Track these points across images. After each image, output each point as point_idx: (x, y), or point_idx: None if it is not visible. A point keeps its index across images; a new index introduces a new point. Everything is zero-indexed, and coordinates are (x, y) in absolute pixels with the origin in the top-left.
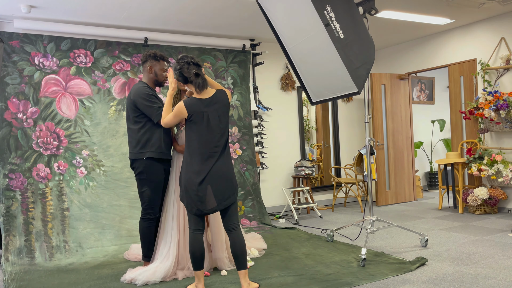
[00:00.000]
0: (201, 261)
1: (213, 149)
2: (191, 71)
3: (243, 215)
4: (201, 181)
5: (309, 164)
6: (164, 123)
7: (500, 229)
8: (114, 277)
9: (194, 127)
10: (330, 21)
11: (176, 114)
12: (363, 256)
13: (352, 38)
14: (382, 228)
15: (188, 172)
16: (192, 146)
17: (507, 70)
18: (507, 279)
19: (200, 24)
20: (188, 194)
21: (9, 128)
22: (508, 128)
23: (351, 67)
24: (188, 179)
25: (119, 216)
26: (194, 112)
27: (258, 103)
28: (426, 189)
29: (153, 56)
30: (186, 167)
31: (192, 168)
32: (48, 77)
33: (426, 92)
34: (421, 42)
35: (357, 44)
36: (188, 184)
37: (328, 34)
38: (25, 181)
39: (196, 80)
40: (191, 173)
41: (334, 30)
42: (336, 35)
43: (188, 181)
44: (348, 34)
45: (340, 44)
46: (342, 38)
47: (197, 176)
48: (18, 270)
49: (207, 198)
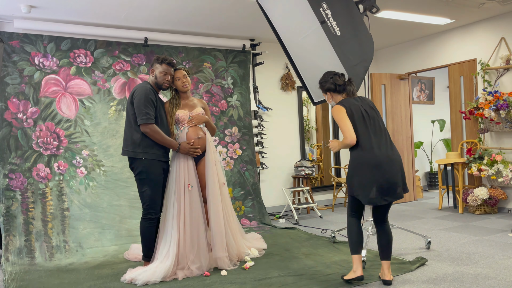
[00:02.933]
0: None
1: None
2: (342, 79)
3: (243, 215)
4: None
5: (309, 164)
6: (351, 137)
7: (500, 229)
8: (114, 277)
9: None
10: (326, 18)
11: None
12: (363, 258)
13: (349, 35)
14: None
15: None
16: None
17: (507, 70)
18: (507, 279)
19: (200, 24)
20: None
21: (9, 128)
22: (508, 128)
23: (348, 65)
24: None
25: (119, 216)
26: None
27: (258, 103)
28: (426, 189)
29: (156, 59)
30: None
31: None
32: (48, 77)
33: (426, 92)
34: (421, 42)
35: (355, 42)
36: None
37: (324, 31)
38: (25, 181)
39: (350, 87)
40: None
41: (330, 27)
42: (333, 32)
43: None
44: (345, 32)
45: (336, 41)
46: (338, 35)
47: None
48: (18, 270)
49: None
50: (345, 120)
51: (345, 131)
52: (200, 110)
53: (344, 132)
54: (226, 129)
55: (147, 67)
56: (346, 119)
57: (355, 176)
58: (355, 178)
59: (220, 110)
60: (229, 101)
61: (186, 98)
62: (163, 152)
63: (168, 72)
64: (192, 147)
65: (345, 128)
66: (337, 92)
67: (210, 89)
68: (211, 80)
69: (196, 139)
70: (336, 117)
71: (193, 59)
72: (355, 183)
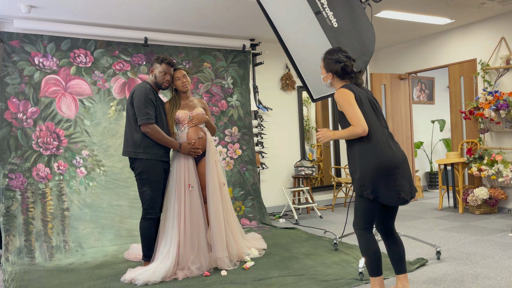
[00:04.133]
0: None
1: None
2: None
3: (243, 215)
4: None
5: (309, 164)
6: (362, 126)
7: (500, 229)
8: (114, 277)
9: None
10: (321, 8)
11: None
12: (360, 269)
13: (348, 27)
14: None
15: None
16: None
17: (507, 70)
18: (507, 279)
19: (200, 24)
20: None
21: (9, 128)
22: (508, 128)
23: None
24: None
25: (119, 216)
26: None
27: (258, 103)
28: (426, 189)
29: (156, 58)
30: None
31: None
32: (48, 77)
33: (426, 92)
34: (421, 42)
35: (354, 34)
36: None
37: (319, 22)
38: (25, 181)
39: (356, 77)
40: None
41: (326, 18)
42: (329, 24)
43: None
44: (343, 23)
45: (333, 33)
46: (335, 27)
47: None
48: (18, 270)
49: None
50: (355, 106)
51: (355, 118)
52: (200, 110)
53: (353, 119)
54: (226, 129)
55: (147, 67)
56: (355, 105)
57: (377, 175)
58: (378, 177)
59: (220, 110)
60: (229, 101)
61: (186, 98)
62: (164, 152)
63: (167, 71)
64: (193, 147)
65: (354, 116)
66: (341, 78)
67: (210, 89)
68: (211, 80)
69: (196, 139)
70: (342, 102)
71: (193, 59)
72: (378, 183)
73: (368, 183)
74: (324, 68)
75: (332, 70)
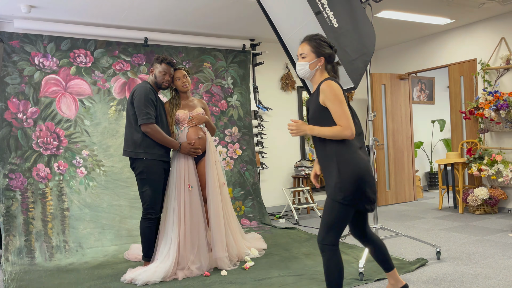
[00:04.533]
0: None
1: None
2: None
3: (243, 215)
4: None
5: (309, 164)
6: (352, 129)
7: (500, 229)
8: (114, 277)
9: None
10: (322, 8)
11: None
12: (360, 269)
13: (348, 27)
14: (387, 237)
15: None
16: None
17: (507, 70)
18: (507, 279)
19: (200, 24)
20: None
21: (9, 128)
22: (508, 128)
23: (346, 59)
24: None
25: (119, 216)
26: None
27: (258, 103)
28: (426, 189)
29: (156, 58)
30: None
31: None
32: (48, 77)
33: (426, 92)
34: (421, 42)
35: (354, 34)
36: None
37: (319, 23)
38: (25, 181)
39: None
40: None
41: (326, 18)
42: (329, 24)
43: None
44: (343, 23)
45: (333, 33)
46: (336, 27)
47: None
48: (18, 270)
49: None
50: (346, 105)
51: (345, 118)
52: (200, 110)
53: (343, 119)
54: (226, 129)
55: (147, 67)
56: (346, 104)
57: (359, 182)
58: (360, 184)
59: (220, 110)
60: (229, 101)
61: (186, 98)
62: (164, 152)
63: (167, 71)
64: (193, 147)
65: (344, 116)
66: (328, 63)
67: (210, 89)
68: (211, 80)
69: (196, 139)
70: (333, 96)
71: (193, 59)
72: (361, 189)
73: (350, 189)
74: (314, 53)
75: (325, 55)
